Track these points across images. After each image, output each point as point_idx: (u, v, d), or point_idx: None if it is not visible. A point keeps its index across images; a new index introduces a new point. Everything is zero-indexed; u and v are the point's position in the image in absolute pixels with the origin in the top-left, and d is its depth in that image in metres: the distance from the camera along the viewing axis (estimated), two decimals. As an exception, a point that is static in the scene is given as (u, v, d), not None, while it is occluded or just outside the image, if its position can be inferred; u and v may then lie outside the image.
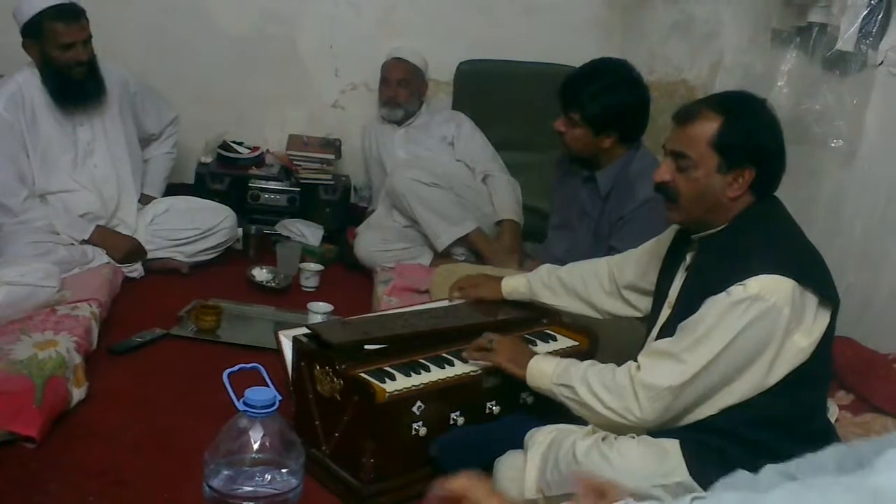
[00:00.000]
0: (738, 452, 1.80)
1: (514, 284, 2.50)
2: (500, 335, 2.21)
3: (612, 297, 2.32)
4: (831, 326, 1.85)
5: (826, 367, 1.91)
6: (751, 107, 1.89)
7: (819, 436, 1.88)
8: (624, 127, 2.66)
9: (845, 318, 1.97)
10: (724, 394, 1.83)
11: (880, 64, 2.61)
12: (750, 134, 1.84)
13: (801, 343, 1.79)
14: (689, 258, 1.99)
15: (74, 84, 3.21)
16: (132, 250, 3.32)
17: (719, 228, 1.90)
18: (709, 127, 1.84)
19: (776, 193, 1.93)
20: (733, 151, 1.83)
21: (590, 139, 2.66)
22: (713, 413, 1.85)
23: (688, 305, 1.87)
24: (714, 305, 1.79)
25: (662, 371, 1.83)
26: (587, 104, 2.62)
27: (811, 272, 1.82)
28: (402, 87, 3.88)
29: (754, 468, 1.72)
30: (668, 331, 1.93)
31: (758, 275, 1.75)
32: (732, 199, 1.87)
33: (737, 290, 1.76)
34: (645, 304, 2.23)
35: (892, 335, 2.48)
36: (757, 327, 1.76)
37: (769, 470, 1.35)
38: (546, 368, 2.04)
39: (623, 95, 2.65)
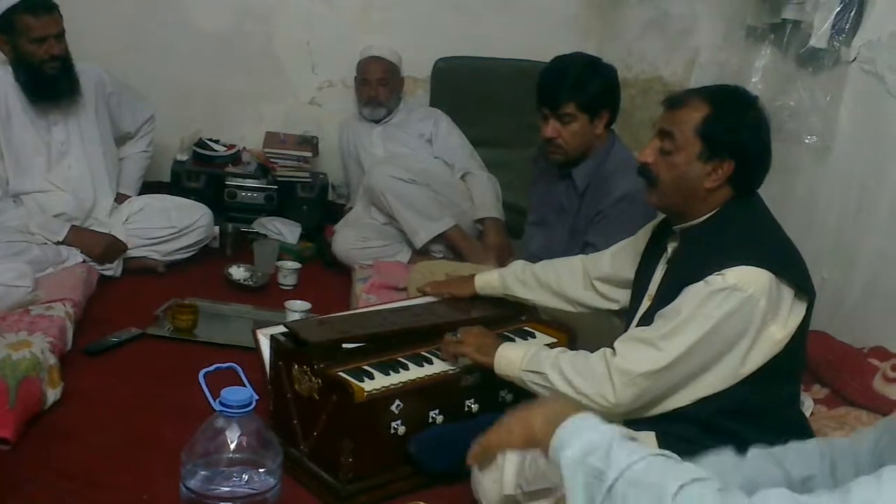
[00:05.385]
0: (714, 443, 1.82)
1: (487, 279, 2.51)
2: (469, 328, 2.20)
3: (585, 290, 2.34)
4: (806, 319, 1.87)
5: (800, 359, 1.94)
6: (740, 102, 1.91)
7: (792, 428, 1.90)
8: (614, 103, 2.70)
9: (819, 313, 1.99)
10: (698, 383, 1.85)
11: (853, 60, 2.64)
12: (734, 127, 1.86)
13: (777, 335, 1.82)
14: (669, 250, 2.01)
15: (47, 80, 3.17)
16: (108, 247, 3.28)
17: (700, 220, 1.92)
18: (696, 114, 1.87)
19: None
20: (716, 141, 1.86)
21: (587, 128, 2.65)
22: (686, 404, 1.87)
23: (667, 296, 1.89)
24: (691, 294, 1.81)
25: (638, 357, 1.85)
26: (578, 91, 2.62)
27: (788, 265, 1.85)
28: (382, 86, 3.88)
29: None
30: (646, 322, 1.94)
31: (736, 266, 1.78)
32: (710, 190, 1.89)
33: (715, 280, 1.78)
34: (620, 295, 2.24)
35: (866, 329, 2.51)
36: (733, 317, 1.78)
37: (757, 454, 1.38)
38: (513, 356, 2.04)
39: (600, 72, 2.69)
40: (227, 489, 1.68)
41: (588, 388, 1.89)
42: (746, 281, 1.77)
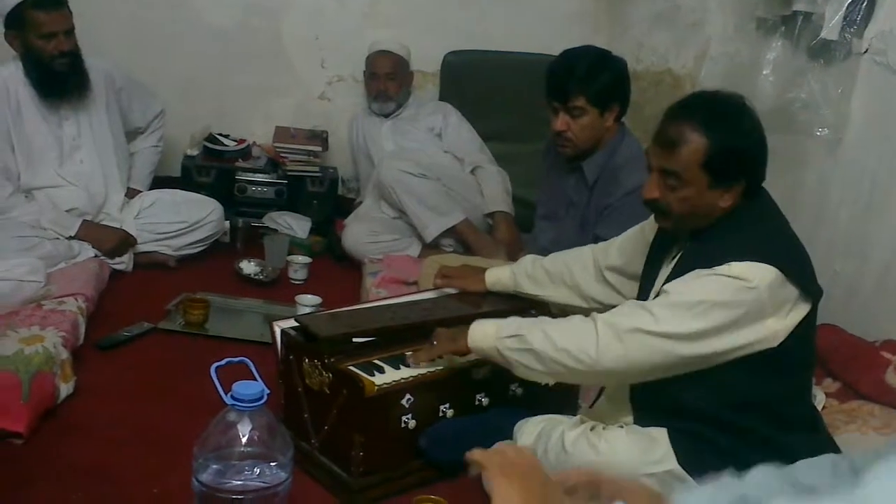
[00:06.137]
0: (725, 439, 1.82)
1: (498, 276, 2.49)
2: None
3: (597, 283, 2.32)
4: (812, 316, 1.86)
5: (807, 354, 1.93)
6: (731, 115, 1.85)
7: (803, 421, 1.90)
8: (624, 96, 2.69)
9: (831, 306, 1.99)
10: (690, 365, 1.83)
11: (865, 52, 2.62)
12: (738, 149, 1.82)
13: (775, 326, 1.80)
14: (676, 250, 1.99)
15: (57, 76, 3.18)
16: (121, 241, 3.29)
17: (707, 224, 1.91)
18: (695, 148, 1.81)
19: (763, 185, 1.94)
20: (723, 169, 1.82)
21: (597, 122, 2.65)
22: (676, 382, 1.85)
23: None
24: (695, 275, 1.81)
25: (629, 315, 1.84)
26: (588, 85, 2.61)
27: (795, 265, 1.83)
28: (391, 80, 3.88)
29: (742, 455, 1.73)
30: None
31: (743, 261, 1.77)
32: (724, 208, 1.86)
33: (721, 269, 1.78)
34: (629, 289, 2.23)
35: (878, 322, 2.50)
36: (732, 303, 1.77)
37: (760, 470, 1.35)
38: (488, 328, 2.02)
39: (610, 65, 2.68)
40: (239, 483, 1.68)
41: (569, 342, 1.86)
42: (751, 274, 1.76)
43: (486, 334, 2.01)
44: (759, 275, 1.76)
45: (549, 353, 1.89)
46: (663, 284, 1.95)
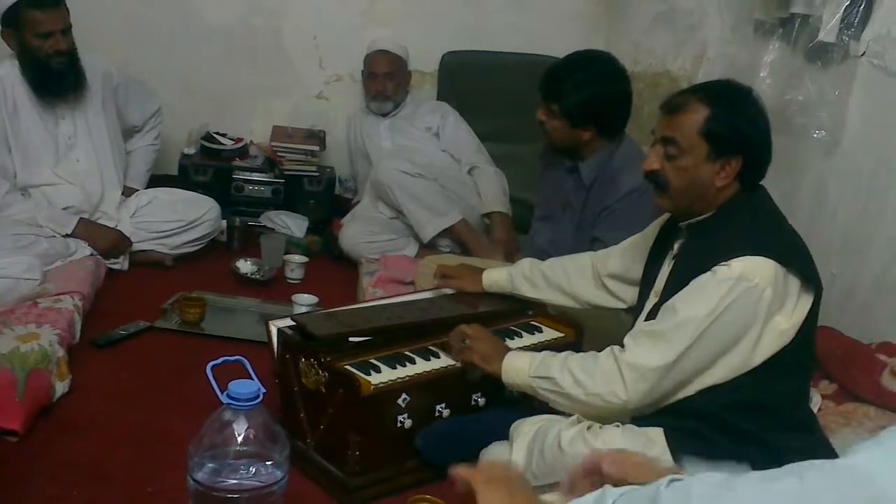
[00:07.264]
0: (722, 440, 1.82)
1: (495, 277, 2.50)
2: (475, 329, 2.17)
3: (595, 288, 2.33)
4: (814, 312, 1.87)
5: (808, 353, 1.93)
6: (737, 96, 1.91)
7: (801, 424, 1.90)
8: (602, 121, 2.63)
9: (828, 308, 1.98)
10: (709, 375, 1.84)
11: (862, 55, 2.62)
12: (737, 123, 1.86)
13: (783, 325, 1.81)
14: (676, 247, 2.01)
15: (54, 75, 3.17)
16: (116, 242, 3.29)
17: (706, 216, 1.92)
18: (697, 116, 1.86)
19: (762, 183, 1.95)
20: (722, 140, 1.85)
21: (568, 131, 2.64)
22: (695, 392, 1.86)
23: (674, 291, 1.89)
24: (698, 285, 1.81)
25: (648, 351, 1.85)
26: (565, 97, 2.60)
27: (794, 256, 1.84)
28: (389, 80, 3.88)
29: (739, 456, 1.73)
30: (653, 318, 1.94)
31: (741, 256, 1.78)
32: (720, 189, 1.88)
33: (721, 270, 1.79)
34: (629, 294, 2.24)
35: (875, 325, 2.50)
36: (740, 307, 1.77)
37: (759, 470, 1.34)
38: (521, 365, 2.04)
39: (602, 89, 2.62)
40: (235, 482, 1.68)
41: (599, 387, 1.89)
42: (752, 271, 1.77)
43: (518, 371, 2.04)
44: (759, 271, 1.77)
45: (581, 399, 1.92)
46: (664, 284, 1.97)
